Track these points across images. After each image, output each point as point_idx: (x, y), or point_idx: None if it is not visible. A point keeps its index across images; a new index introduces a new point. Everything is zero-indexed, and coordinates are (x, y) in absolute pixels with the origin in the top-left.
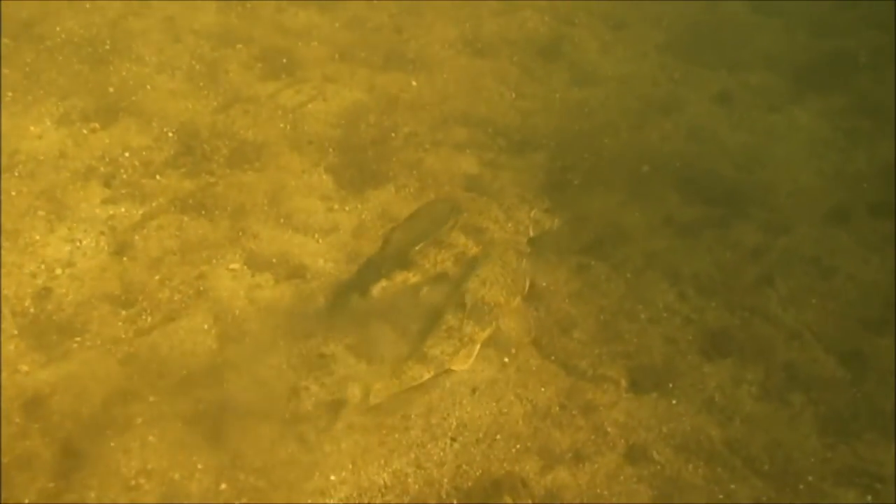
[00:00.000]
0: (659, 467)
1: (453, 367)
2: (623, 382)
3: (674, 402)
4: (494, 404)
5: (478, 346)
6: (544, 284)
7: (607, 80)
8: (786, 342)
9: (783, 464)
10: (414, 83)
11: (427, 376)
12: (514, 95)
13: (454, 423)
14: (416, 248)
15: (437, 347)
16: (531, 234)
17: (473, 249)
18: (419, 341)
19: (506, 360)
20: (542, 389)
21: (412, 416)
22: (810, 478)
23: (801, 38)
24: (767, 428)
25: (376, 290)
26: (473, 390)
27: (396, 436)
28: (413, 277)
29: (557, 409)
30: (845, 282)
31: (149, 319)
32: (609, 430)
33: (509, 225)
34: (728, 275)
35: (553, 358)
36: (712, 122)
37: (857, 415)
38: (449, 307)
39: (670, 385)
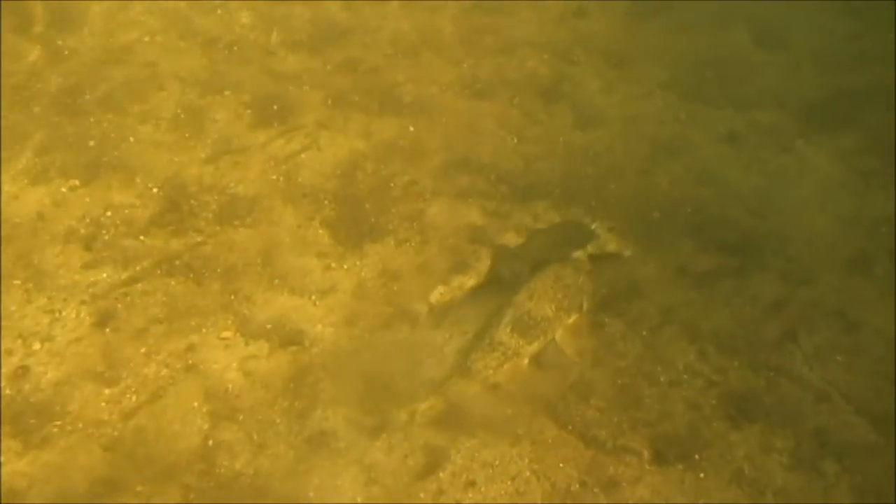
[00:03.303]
0: None
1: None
2: (646, 454)
3: (701, 475)
4: (510, 483)
5: (525, 361)
6: None
7: (611, 122)
8: (814, 405)
9: None
10: (412, 128)
11: (472, 392)
12: (516, 140)
13: None
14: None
15: (480, 361)
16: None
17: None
18: (462, 356)
19: (519, 431)
20: (561, 465)
21: (420, 497)
22: None
23: (808, 74)
24: (801, 501)
25: (434, 296)
26: (485, 466)
27: None
28: (469, 281)
29: (578, 486)
30: (872, 336)
31: (134, 398)
32: None
33: None
34: (749, 331)
35: (570, 428)
36: (722, 164)
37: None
38: (493, 319)
39: (696, 456)
